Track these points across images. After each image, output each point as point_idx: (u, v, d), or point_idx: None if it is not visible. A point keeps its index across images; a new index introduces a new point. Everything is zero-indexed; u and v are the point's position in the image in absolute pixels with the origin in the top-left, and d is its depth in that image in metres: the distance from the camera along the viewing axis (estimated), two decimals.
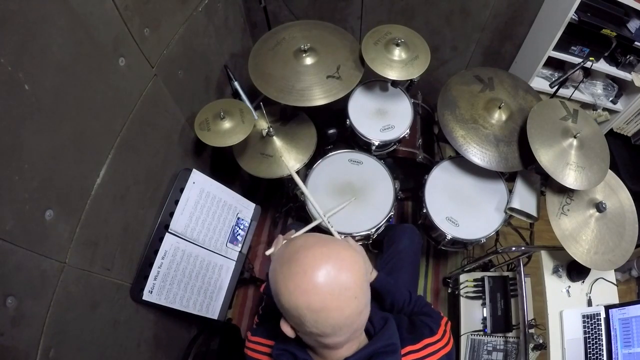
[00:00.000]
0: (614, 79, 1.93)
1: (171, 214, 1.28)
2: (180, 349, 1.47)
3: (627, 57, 1.74)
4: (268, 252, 1.04)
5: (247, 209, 1.53)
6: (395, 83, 1.64)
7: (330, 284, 0.58)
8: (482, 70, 1.62)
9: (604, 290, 1.48)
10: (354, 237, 1.42)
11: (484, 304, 1.65)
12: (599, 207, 1.34)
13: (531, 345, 1.44)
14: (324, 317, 0.59)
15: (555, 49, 1.73)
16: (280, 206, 2.08)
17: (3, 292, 0.75)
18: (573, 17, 1.58)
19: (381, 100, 1.66)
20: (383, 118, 1.62)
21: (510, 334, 1.59)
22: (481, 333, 1.61)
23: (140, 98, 1.14)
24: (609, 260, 1.32)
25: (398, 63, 1.44)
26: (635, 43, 1.64)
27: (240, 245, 1.50)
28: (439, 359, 0.77)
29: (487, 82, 1.58)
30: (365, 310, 0.66)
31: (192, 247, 1.33)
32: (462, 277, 1.72)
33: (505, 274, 1.70)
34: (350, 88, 1.44)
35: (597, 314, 1.40)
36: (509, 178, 1.64)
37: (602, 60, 1.78)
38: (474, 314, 1.65)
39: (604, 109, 2.00)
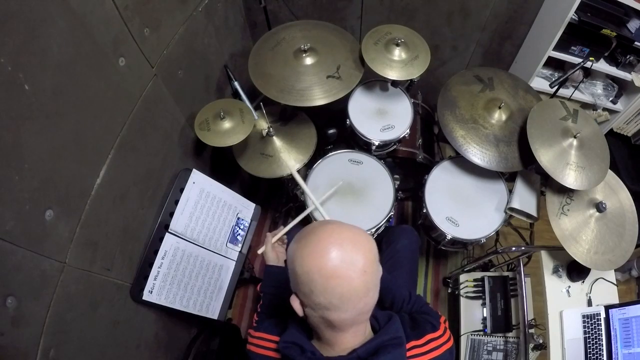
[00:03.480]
0: (614, 79, 1.93)
1: (171, 214, 1.28)
2: (180, 349, 1.47)
3: (627, 57, 1.74)
4: (260, 251, 1.08)
5: (247, 209, 1.53)
6: (395, 83, 1.64)
7: (342, 253, 0.62)
8: (482, 70, 1.62)
9: (604, 290, 1.48)
10: None
11: (484, 304, 1.65)
12: (599, 207, 1.34)
13: (531, 345, 1.44)
14: (333, 284, 0.62)
15: (555, 49, 1.72)
16: (280, 206, 2.08)
17: (3, 292, 0.74)
18: (573, 17, 1.57)
19: (381, 100, 1.66)
20: (383, 118, 1.62)
21: (510, 334, 1.59)
22: (481, 333, 1.61)
23: (140, 98, 1.14)
24: (609, 260, 1.32)
25: (398, 63, 1.44)
26: (635, 43, 1.64)
27: (240, 245, 1.50)
28: (442, 354, 0.77)
29: (487, 82, 1.58)
30: (373, 292, 0.67)
31: (192, 247, 1.33)
32: (462, 277, 1.72)
33: (505, 274, 1.70)
34: (350, 88, 1.44)
35: (597, 314, 1.40)
36: (509, 178, 1.64)
37: (602, 60, 1.78)
38: (474, 314, 1.65)
39: (604, 109, 2.00)
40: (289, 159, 1.51)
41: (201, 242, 1.36)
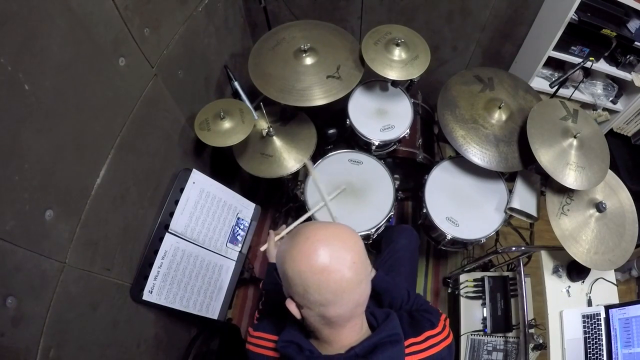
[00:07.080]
0: (614, 79, 1.93)
1: (171, 214, 1.28)
2: (180, 349, 1.47)
3: (627, 57, 1.74)
4: (262, 248, 1.08)
5: (247, 209, 1.53)
6: (395, 83, 1.64)
7: (330, 249, 0.64)
8: (482, 70, 1.62)
9: (604, 290, 1.48)
10: None
11: (484, 304, 1.65)
12: (599, 207, 1.34)
13: (531, 345, 1.44)
14: (325, 279, 0.63)
15: (555, 49, 1.72)
16: (280, 206, 2.08)
17: (3, 292, 0.75)
18: (573, 17, 1.58)
19: (381, 100, 1.66)
20: (383, 118, 1.62)
21: (510, 334, 1.59)
22: (481, 333, 1.61)
23: (140, 98, 1.14)
24: (609, 260, 1.32)
25: (398, 63, 1.44)
26: (635, 43, 1.64)
27: (240, 245, 1.50)
28: (440, 351, 0.77)
29: (487, 82, 1.58)
30: (365, 283, 0.69)
31: (192, 247, 1.33)
32: (462, 277, 1.72)
33: (505, 274, 1.70)
34: (350, 88, 1.44)
35: (597, 314, 1.40)
36: (509, 178, 1.64)
37: (602, 60, 1.78)
38: (474, 314, 1.65)
39: (604, 109, 2.00)
40: (291, 159, 1.51)
41: (201, 242, 1.36)
